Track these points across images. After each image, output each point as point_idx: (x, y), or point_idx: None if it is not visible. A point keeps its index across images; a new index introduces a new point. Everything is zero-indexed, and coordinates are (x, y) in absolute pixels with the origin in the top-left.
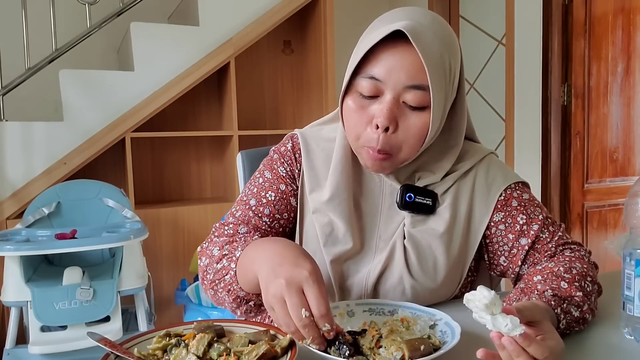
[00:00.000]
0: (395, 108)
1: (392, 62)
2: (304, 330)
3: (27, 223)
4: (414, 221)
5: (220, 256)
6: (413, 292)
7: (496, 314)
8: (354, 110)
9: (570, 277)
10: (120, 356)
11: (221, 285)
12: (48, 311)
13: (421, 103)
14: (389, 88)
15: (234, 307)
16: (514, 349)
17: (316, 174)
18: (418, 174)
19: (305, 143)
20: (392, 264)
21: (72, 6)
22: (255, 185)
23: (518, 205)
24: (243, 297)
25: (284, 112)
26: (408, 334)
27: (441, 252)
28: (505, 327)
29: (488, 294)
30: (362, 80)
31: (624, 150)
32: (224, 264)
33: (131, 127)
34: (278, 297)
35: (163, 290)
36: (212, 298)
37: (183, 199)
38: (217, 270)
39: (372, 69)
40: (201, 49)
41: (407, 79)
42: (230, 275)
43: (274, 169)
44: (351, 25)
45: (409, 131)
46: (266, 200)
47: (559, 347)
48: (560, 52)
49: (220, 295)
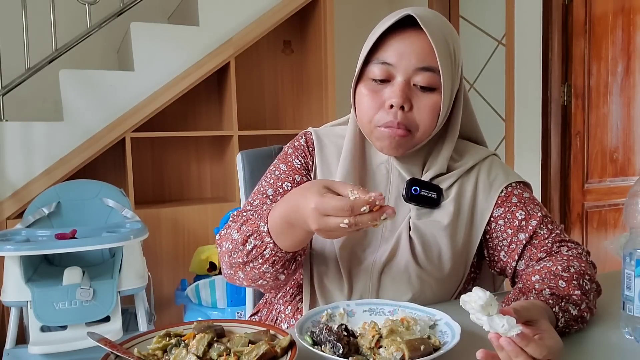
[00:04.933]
0: (407, 89)
1: (403, 46)
2: (363, 218)
3: (27, 223)
4: (420, 213)
5: (245, 237)
6: (419, 281)
7: (492, 315)
8: (366, 95)
9: (569, 276)
10: (120, 356)
11: (259, 261)
12: (48, 311)
13: (431, 84)
14: (400, 71)
15: (279, 272)
16: (512, 349)
17: (328, 167)
18: (426, 166)
19: (318, 138)
20: (398, 253)
21: (72, 6)
22: (271, 177)
23: (518, 202)
24: (291, 257)
25: (284, 112)
26: (408, 334)
27: (445, 243)
28: (502, 328)
29: (483, 295)
30: (373, 66)
31: (624, 150)
32: (255, 244)
33: (131, 127)
34: (324, 224)
35: (163, 290)
36: (247, 276)
37: (183, 199)
38: (248, 252)
39: (383, 54)
40: (201, 49)
41: (417, 62)
42: (269, 248)
43: (289, 162)
44: (351, 25)
45: (422, 111)
46: (283, 190)
47: (557, 345)
48: (560, 52)
49: (258, 270)
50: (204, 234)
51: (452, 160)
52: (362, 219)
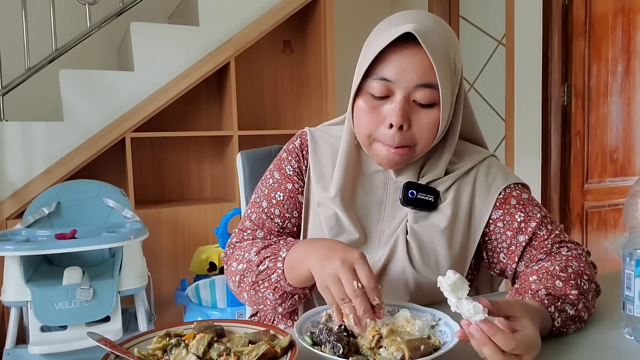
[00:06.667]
0: (407, 106)
1: (403, 63)
2: (357, 301)
3: (27, 223)
4: (417, 217)
5: (261, 259)
6: (416, 285)
7: (462, 299)
8: (365, 111)
9: (566, 276)
10: (120, 356)
11: (265, 284)
12: (48, 311)
13: (431, 100)
14: (400, 88)
15: (279, 303)
16: (480, 337)
17: (322, 169)
18: (423, 171)
19: (313, 140)
20: (395, 257)
21: (72, 6)
22: (265, 186)
23: (517, 203)
24: (290, 292)
25: (284, 112)
26: (408, 334)
27: (443, 247)
28: (467, 312)
29: (453, 276)
30: (373, 82)
31: (624, 150)
32: (268, 265)
33: (131, 127)
34: (333, 275)
35: (163, 290)
36: (250, 299)
37: (183, 199)
38: (259, 272)
39: (383, 70)
40: (201, 49)
41: (417, 78)
42: (277, 273)
43: (282, 169)
44: (351, 25)
45: (421, 128)
46: (276, 201)
47: (530, 343)
48: (560, 52)
49: (262, 294)
50: (204, 234)
51: (450, 162)
52: (348, 304)
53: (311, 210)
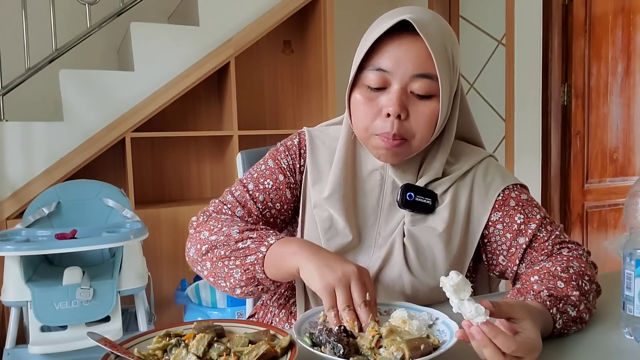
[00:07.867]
0: (404, 97)
1: (399, 53)
2: (344, 313)
3: (27, 223)
4: (414, 220)
5: (243, 237)
6: (412, 289)
7: (464, 300)
8: (362, 103)
9: (567, 277)
10: (120, 356)
11: (236, 262)
12: (48, 311)
13: (429, 91)
14: (397, 78)
15: (241, 285)
16: (481, 338)
17: (319, 170)
18: (420, 171)
19: (311, 140)
20: (391, 261)
21: (72, 6)
22: (256, 170)
23: (516, 205)
24: (259, 279)
25: (284, 112)
26: (408, 333)
27: (440, 250)
28: (469, 313)
29: (456, 277)
30: (369, 73)
31: (624, 150)
32: (249, 245)
33: (131, 127)
34: (331, 286)
35: (163, 290)
36: (212, 270)
37: (183, 199)
38: (236, 249)
39: (379, 60)
40: (201, 49)
41: (414, 68)
42: (256, 257)
43: (277, 160)
44: (351, 25)
45: (419, 119)
46: (263, 187)
47: (531, 345)
48: (560, 52)
49: (228, 270)
50: None
51: (447, 163)
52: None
53: (307, 213)
